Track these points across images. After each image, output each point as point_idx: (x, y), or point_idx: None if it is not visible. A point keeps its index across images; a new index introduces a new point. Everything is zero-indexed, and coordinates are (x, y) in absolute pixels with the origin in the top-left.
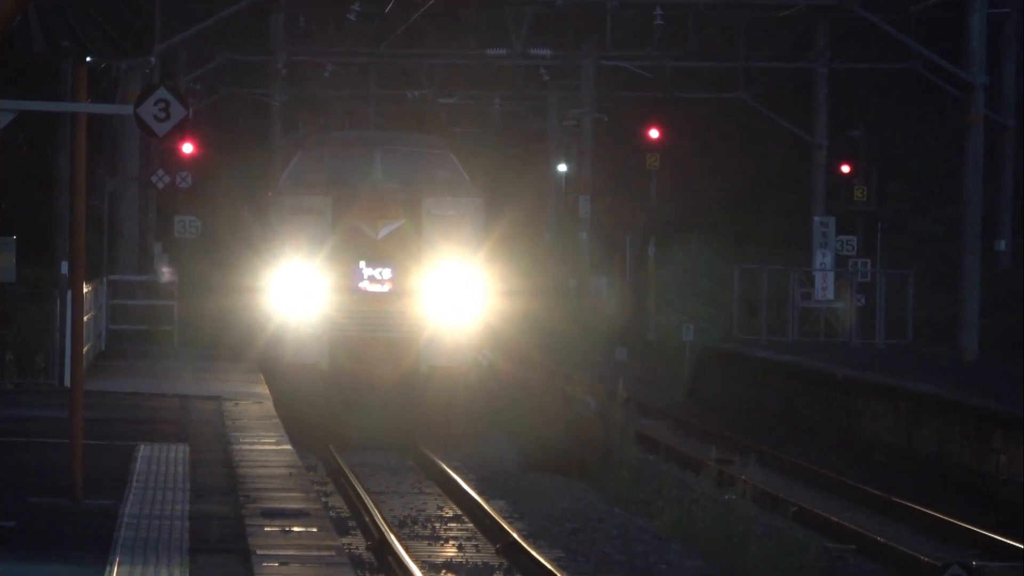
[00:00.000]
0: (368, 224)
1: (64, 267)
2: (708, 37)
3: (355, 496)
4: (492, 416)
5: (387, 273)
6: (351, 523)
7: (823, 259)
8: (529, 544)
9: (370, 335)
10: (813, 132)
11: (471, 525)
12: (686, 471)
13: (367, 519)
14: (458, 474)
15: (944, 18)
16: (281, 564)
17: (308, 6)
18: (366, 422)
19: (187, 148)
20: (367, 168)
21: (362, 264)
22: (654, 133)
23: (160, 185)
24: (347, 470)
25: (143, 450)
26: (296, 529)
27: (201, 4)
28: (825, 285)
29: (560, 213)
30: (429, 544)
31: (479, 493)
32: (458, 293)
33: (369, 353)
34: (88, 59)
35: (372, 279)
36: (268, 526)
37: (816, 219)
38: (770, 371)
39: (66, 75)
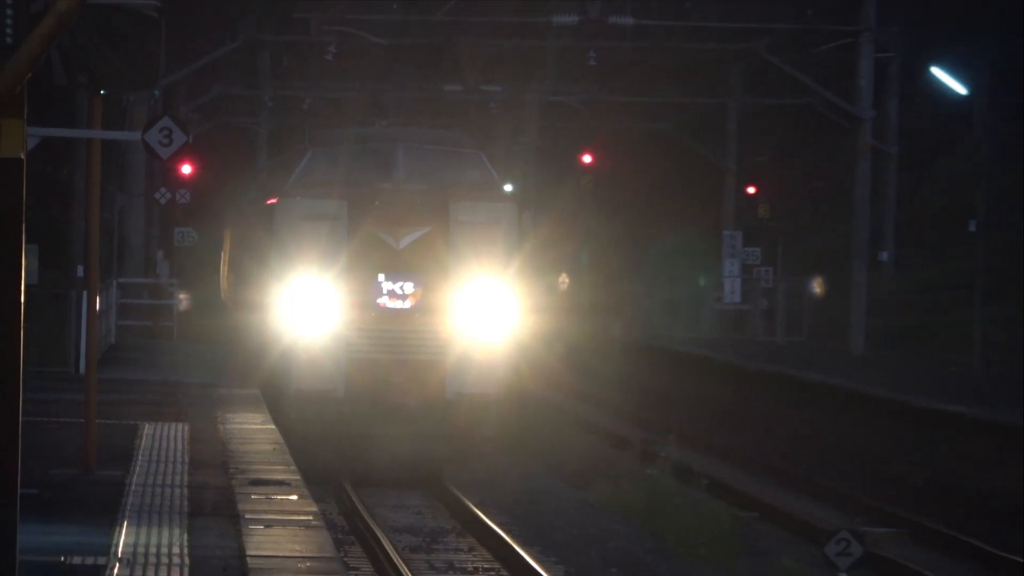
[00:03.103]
0: (388, 232)
1: (80, 271)
2: (636, 76)
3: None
4: (525, 441)
5: (409, 287)
6: None
7: (732, 267)
8: (481, 511)
9: (390, 357)
10: (725, 157)
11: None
12: (616, 449)
13: None
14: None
15: (837, 60)
16: (266, 527)
17: (290, 47)
18: (386, 456)
19: (186, 169)
20: (387, 168)
21: (381, 277)
22: (587, 158)
23: (162, 201)
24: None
25: (147, 428)
26: (279, 497)
27: (199, 44)
28: (733, 290)
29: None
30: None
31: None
32: (490, 310)
33: (389, 378)
34: (102, 91)
35: (392, 294)
36: (255, 494)
37: (726, 233)
38: (688, 363)
39: (82, 104)
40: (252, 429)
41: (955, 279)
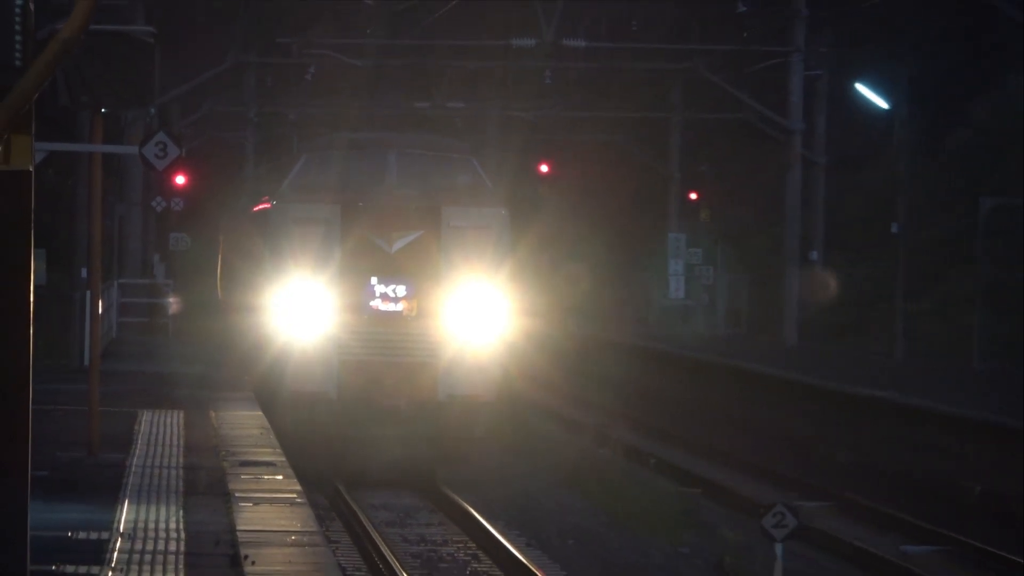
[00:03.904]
0: (381, 236)
1: (84, 273)
2: (588, 93)
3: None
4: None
5: (402, 291)
6: None
7: (676, 267)
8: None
9: (383, 360)
10: (669, 166)
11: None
12: (573, 433)
13: None
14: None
15: (770, 78)
16: (254, 504)
17: (274, 69)
18: (378, 457)
19: (180, 180)
20: (380, 173)
21: (374, 280)
22: (544, 168)
23: (158, 209)
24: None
25: (146, 415)
26: (266, 477)
27: (191, 66)
28: (678, 287)
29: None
30: None
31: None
32: (481, 313)
33: (382, 380)
34: (102, 110)
35: (385, 297)
36: (244, 474)
37: (671, 235)
38: (637, 354)
39: (84, 122)
40: (241, 415)
41: (878, 277)
